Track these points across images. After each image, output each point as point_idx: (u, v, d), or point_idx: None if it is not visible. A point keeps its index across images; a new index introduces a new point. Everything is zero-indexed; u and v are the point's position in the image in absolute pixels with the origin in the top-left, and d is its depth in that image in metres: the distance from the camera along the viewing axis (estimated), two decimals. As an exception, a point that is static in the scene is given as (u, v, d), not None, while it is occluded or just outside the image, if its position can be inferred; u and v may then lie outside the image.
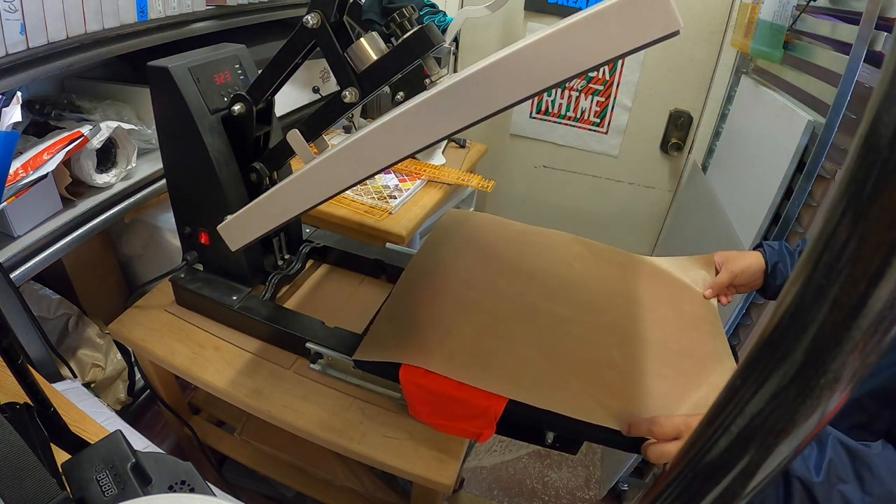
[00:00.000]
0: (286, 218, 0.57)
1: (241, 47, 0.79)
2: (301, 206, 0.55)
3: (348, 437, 0.68)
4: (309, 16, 0.57)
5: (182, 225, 0.80)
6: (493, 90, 0.42)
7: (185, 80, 0.67)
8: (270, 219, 0.59)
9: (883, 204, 0.12)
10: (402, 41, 0.53)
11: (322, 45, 0.59)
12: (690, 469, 0.18)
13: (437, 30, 0.52)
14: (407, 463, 0.66)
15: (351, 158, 0.50)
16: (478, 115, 0.43)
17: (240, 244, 0.62)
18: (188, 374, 0.75)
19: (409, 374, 0.62)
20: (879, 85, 0.12)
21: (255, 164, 0.72)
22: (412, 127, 0.46)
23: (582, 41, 0.39)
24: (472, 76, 0.42)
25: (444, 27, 1.32)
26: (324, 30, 0.58)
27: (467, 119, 0.44)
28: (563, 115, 1.78)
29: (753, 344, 0.16)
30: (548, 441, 0.65)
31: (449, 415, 0.63)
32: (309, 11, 0.57)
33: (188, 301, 0.84)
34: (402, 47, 0.53)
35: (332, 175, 0.52)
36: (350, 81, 0.58)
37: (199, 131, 0.68)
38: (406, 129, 0.46)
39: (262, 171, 0.72)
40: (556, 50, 0.40)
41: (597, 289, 0.77)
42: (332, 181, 0.52)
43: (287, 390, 0.73)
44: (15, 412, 0.46)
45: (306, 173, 0.53)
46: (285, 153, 0.70)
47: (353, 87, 0.58)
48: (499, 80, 0.42)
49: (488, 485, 1.54)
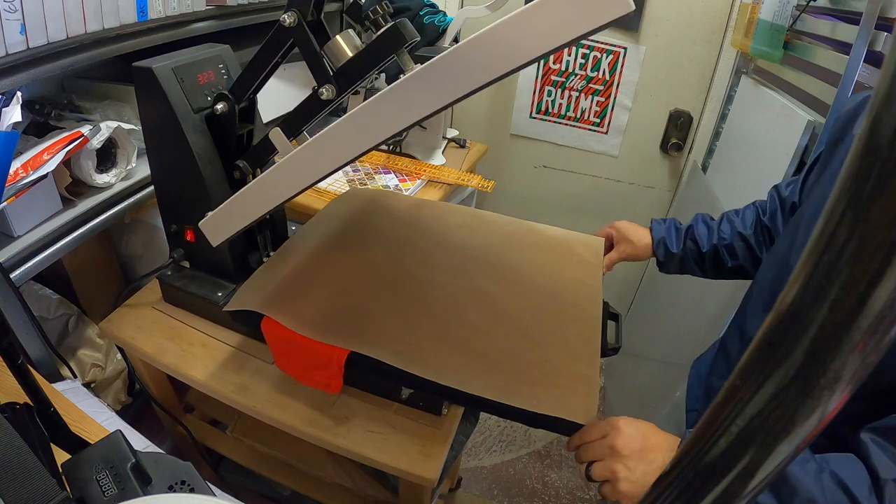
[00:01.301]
0: (264, 210, 0.58)
1: (226, 47, 0.79)
2: (278, 197, 0.56)
3: (333, 432, 0.68)
4: (286, 15, 0.58)
5: (169, 223, 0.81)
6: (458, 75, 0.44)
7: (168, 80, 0.68)
8: (249, 212, 0.60)
9: (883, 204, 0.12)
10: (375, 38, 0.54)
11: (299, 43, 0.60)
12: (690, 469, 0.18)
13: (410, 26, 0.53)
14: (391, 457, 0.66)
15: (325, 148, 0.52)
16: (444, 100, 0.45)
17: (221, 239, 0.63)
18: (177, 372, 0.75)
19: (269, 325, 0.65)
20: (879, 85, 0.12)
21: (239, 161, 0.73)
22: (379, 115, 0.48)
23: (538, 25, 0.41)
24: (436, 62, 0.43)
25: (444, 27, 1.32)
26: (301, 28, 0.59)
27: (434, 105, 0.45)
28: (563, 115, 1.78)
29: (753, 344, 0.16)
30: (403, 397, 0.70)
31: (303, 365, 0.66)
32: (286, 10, 0.58)
33: (175, 298, 0.84)
34: (375, 44, 0.54)
35: (307, 165, 0.53)
36: (327, 79, 0.59)
37: (183, 130, 0.69)
38: (373, 117, 0.48)
39: (245, 168, 0.73)
40: (512, 36, 0.41)
41: (472, 256, 0.79)
42: (307, 171, 0.54)
43: (272, 386, 0.73)
44: (15, 412, 0.46)
45: (282, 166, 0.54)
46: (267, 150, 0.71)
47: (329, 83, 0.59)
48: (459, 67, 0.43)
49: (488, 485, 1.54)
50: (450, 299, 0.71)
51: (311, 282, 0.71)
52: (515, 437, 1.70)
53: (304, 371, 0.67)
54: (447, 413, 0.71)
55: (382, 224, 0.86)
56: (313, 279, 0.72)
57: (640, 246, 0.88)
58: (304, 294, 0.69)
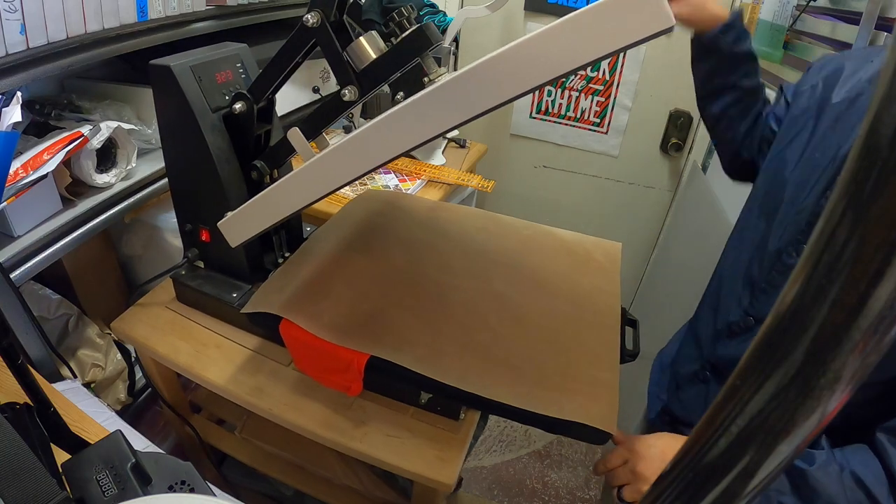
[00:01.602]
0: (285, 214, 0.58)
1: (244, 46, 0.79)
2: (300, 202, 0.56)
3: (349, 436, 0.68)
4: (309, 15, 0.58)
5: (183, 222, 0.81)
6: (490, 86, 0.42)
7: (186, 79, 0.67)
8: (270, 215, 0.59)
9: (883, 204, 0.12)
10: (401, 40, 0.53)
11: (322, 44, 0.59)
12: (690, 469, 0.18)
13: (435, 29, 0.53)
14: (408, 462, 0.66)
15: (349, 155, 0.51)
16: (474, 111, 0.44)
17: (240, 240, 0.63)
18: (191, 373, 0.75)
19: (287, 328, 0.65)
20: (879, 85, 0.12)
21: (256, 161, 0.72)
22: (409, 123, 0.47)
23: (578, 37, 0.40)
24: (468, 72, 0.42)
25: (444, 27, 1.32)
26: (324, 29, 0.58)
27: (464, 115, 0.44)
28: (563, 115, 1.78)
29: (753, 344, 0.16)
30: (422, 402, 0.69)
31: (323, 368, 0.66)
32: (309, 10, 0.58)
33: (189, 298, 0.84)
34: (400, 46, 0.54)
35: (331, 171, 0.53)
36: (349, 80, 0.58)
37: (201, 129, 0.69)
38: (403, 125, 0.47)
39: (262, 168, 0.73)
40: (552, 46, 0.40)
41: (492, 260, 0.79)
42: (331, 177, 0.53)
43: (288, 388, 0.73)
44: (15, 412, 0.46)
45: (306, 169, 0.54)
46: (286, 151, 0.71)
47: (352, 85, 0.58)
48: (495, 77, 0.42)
49: (488, 485, 1.54)
50: (470, 303, 0.70)
51: (331, 284, 0.71)
52: (515, 437, 1.70)
53: (324, 373, 0.67)
54: (464, 417, 0.71)
55: (400, 227, 0.86)
56: (332, 282, 0.71)
57: (707, 13, 0.75)
58: (324, 297, 0.69)
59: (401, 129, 0.47)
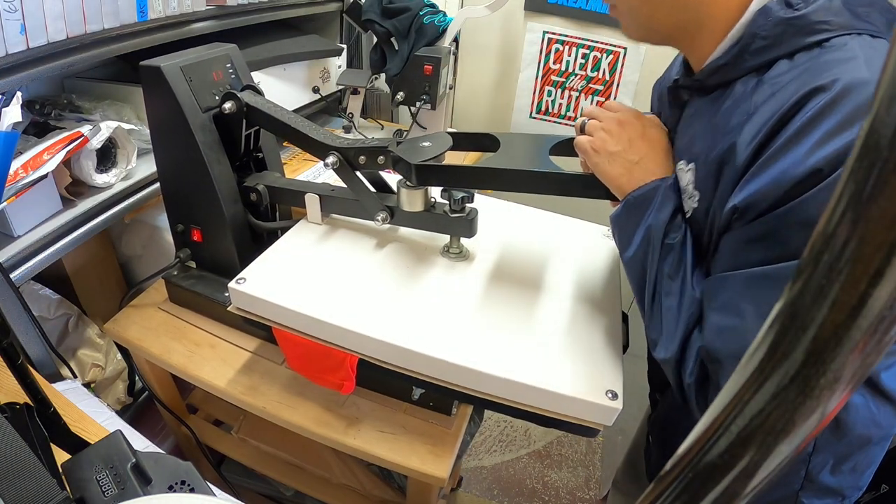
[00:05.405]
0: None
1: (233, 47, 0.79)
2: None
3: (343, 432, 0.68)
4: (328, 159, 0.70)
5: (175, 222, 0.81)
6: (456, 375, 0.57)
7: (177, 79, 0.68)
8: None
9: (883, 204, 0.12)
10: None
11: (343, 178, 0.73)
12: (690, 469, 0.18)
13: None
14: (401, 457, 0.66)
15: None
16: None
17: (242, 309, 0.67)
18: (185, 373, 0.75)
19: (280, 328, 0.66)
20: (879, 85, 0.12)
21: (258, 185, 0.74)
22: None
23: (533, 395, 0.56)
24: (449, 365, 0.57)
25: (444, 27, 1.32)
26: (343, 167, 0.72)
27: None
28: (563, 115, 1.78)
29: (753, 344, 0.16)
30: (414, 398, 0.71)
31: (316, 367, 0.67)
32: (328, 153, 0.70)
33: (182, 299, 0.84)
34: None
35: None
36: (380, 207, 0.73)
37: (191, 129, 0.69)
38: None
39: (263, 193, 0.74)
40: (511, 388, 0.56)
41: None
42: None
43: (282, 387, 0.73)
44: (15, 412, 0.46)
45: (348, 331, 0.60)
46: (293, 201, 0.77)
47: (383, 212, 0.72)
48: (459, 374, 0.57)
49: (488, 485, 1.54)
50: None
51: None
52: (515, 437, 1.70)
53: (318, 372, 0.67)
54: (457, 412, 0.71)
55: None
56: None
57: None
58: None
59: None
